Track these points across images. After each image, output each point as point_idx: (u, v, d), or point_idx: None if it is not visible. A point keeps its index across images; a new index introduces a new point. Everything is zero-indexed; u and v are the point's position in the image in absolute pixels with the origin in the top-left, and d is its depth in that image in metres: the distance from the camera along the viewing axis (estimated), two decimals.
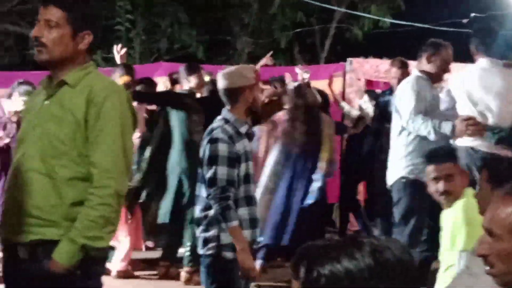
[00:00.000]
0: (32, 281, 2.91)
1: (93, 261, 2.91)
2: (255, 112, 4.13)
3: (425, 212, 5.44)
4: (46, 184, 2.87)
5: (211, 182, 3.85)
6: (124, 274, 6.57)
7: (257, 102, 4.08)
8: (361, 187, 8.88)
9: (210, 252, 3.93)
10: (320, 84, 8.39)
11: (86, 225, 2.82)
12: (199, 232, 4.01)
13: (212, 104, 5.32)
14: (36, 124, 2.94)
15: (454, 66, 8.61)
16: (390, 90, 7.33)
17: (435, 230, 5.18)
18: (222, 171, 3.83)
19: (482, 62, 5.55)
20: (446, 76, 5.90)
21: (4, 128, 6.52)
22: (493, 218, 2.02)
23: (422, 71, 5.64)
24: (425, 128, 5.22)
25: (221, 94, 4.10)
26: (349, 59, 9.83)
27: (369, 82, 9.78)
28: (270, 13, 15.44)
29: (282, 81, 7.59)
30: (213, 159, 3.86)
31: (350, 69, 9.70)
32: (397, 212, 5.56)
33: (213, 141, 3.89)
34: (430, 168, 4.11)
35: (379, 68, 9.87)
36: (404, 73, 7.00)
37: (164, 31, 14.84)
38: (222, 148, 3.85)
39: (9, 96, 6.81)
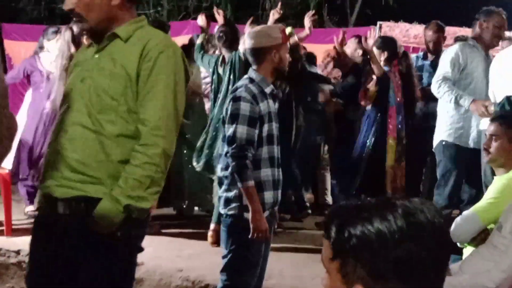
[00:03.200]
0: (70, 238, 2.80)
1: (135, 222, 2.79)
2: (281, 72, 4.08)
3: (464, 173, 5.78)
4: (92, 139, 2.76)
5: (231, 140, 3.84)
6: (151, 231, 6.56)
7: (284, 62, 4.00)
8: None
9: (231, 212, 3.92)
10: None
11: (131, 184, 2.71)
12: (221, 191, 4.00)
13: None
14: (85, 77, 2.83)
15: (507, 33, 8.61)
16: (423, 55, 7.26)
17: (476, 189, 5.51)
18: (242, 129, 3.81)
19: None
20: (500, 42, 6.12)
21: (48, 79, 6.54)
22: None
23: (474, 38, 5.87)
24: (448, 96, 5.63)
25: (247, 54, 4.07)
26: (378, 23, 9.73)
27: None
28: None
29: None
30: (234, 117, 3.84)
31: (379, 34, 9.60)
32: (438, 173, 5.92)
33: (236, 99, 3.86)
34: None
35: (409, 32, 9.79)
36: (440, 37, 7.02)
37: None
38: (244, 107, 3.83)
39: (41, 48, 6.83)
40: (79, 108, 2.80)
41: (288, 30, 6.28)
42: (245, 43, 4.10)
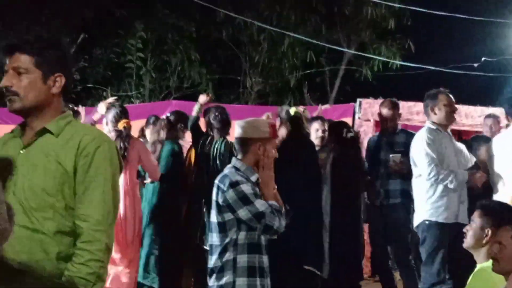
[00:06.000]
0: None
1: None
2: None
3: (447, 250, 5.86)
4: (30, 238, 2.70)
5: (259, 217, 3.90)
6: None
7: (268, 157, 4.05)
8: None
9: None
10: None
11: (77, 283, 2.65)
12: (212, 281, 4.01)
13: None
14: (15, 174, 2.77)
15: (466, 109, 8.85)
16: (380, 134, 7.34)
17: (461, 266, 5.46)
18: (260, 203, 3.91)
19: None
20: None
21: None
22: None
23: (433, 122, 6.08)
24: (448, 177, 5.83)
25: (234, 142, 4.19)
26: (358, 100, 9.82)
27: (378, 123, 9.74)
28: (280, 52, 15.53)
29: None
30: (245, 199, 3.91)
31: (359, 110, 9.69)
32: (423, 251, 6.00)
33: (234, 184, 3.93)
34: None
35: None
36: (395, 113, 7.12)
37: (174, 68, 14.93)
38: (246, 188, 3.92)
39: None
40: (14, 207, 2.60)
41: (293, 110, 6.46)
42: (235, 132, 4.18)
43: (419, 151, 5.99)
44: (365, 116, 9.60)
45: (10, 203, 2.89)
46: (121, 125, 6.43)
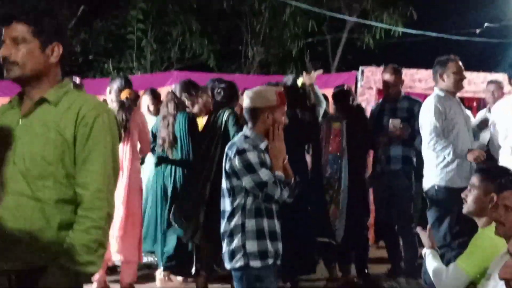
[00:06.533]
0: None
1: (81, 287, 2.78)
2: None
3: (456, 214, 5.80)
4: (32, 206, 2.73)
5: (261, 186, 3.97)
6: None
7: (277, 124, 4.11)
8: None
9: (238, 264, 4.01)
10: (331, 92, 8.30)
11: (79, 250, 2.68)
12: (224, 246, 4.09)
13: None
14: (14, 144, 2.79)
15: (468, 75, 8.86)
16: (383, 101, 7.35)
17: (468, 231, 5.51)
18: (264, 173, 3.97)
19: None
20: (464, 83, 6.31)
21: None
22: None
23: (441, 89, 6.11)
24: (445, 150, 5.91)
25: (244, 113, 4.24)
26: (360, 68, 9.79)
27: (380, 91, 9.72)
28: (282, 22, 15.44)
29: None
30: (249, 167, 3.98)
31: (361, 78, 9.66)
32: (431, 216, 6.05)
33: (241, 152, 4.01)
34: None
35: None
36: (398, 79, 7.09)
37: (176, 39, 14.86)
38: (252, 156, 3.98)
39: None
40: (14, 176, 2.75)
41: (300, 81, 6.45)
42: (243, 102, 4.26)
43: (425, 118, 6.05)
44: (367, 84, 9.59)
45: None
46: (123, 95, 6.43)
